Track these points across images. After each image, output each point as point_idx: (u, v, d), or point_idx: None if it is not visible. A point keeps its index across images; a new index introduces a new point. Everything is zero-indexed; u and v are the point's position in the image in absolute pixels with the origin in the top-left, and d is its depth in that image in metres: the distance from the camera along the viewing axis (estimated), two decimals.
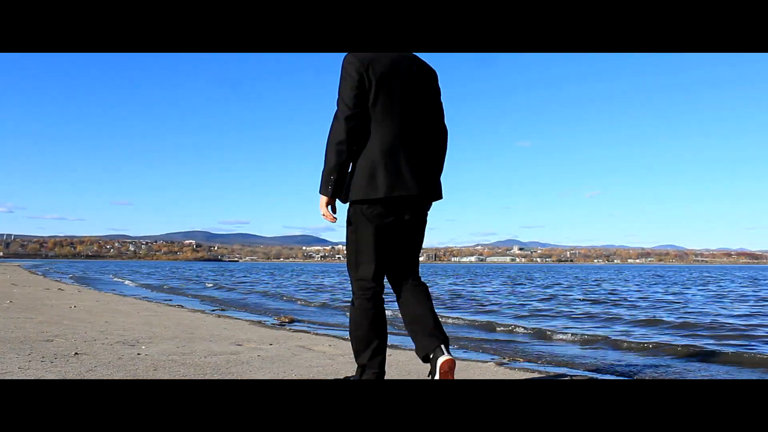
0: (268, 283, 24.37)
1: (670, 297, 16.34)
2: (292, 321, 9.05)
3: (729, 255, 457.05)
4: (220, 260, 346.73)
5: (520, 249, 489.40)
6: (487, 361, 5.16)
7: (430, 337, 3.04)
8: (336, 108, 2.95)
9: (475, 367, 4.73)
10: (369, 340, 3.06)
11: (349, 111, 2.89)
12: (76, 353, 4.47)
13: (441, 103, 3.23)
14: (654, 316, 10.36)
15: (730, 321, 9.77)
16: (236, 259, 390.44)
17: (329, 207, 3.01)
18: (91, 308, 9.27)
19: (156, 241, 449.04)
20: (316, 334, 7.15)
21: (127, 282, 24.62)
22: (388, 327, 3.20)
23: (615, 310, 11.81)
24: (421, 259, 3.27)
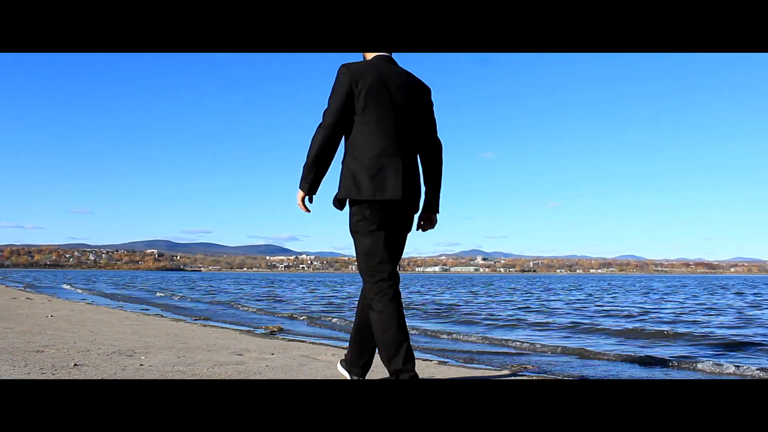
0: (233, 293, 23.92)
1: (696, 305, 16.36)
2: (280, 330, 8.78)
3: (687, 265, 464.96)
4: (183, 270, 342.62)
5: (484, 259, 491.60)
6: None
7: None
8: (323, 112, 3.14)
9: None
10: (400, 342, 3.07)
11: (331, 120, 3.11)
12: (75, 364, 4.15)
13: (434, 118, 3.40)
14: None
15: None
16: (199, 268, 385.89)
17: (305, 201, 3.25)
18: (68, 317, 8.87)
19: (117, 250, 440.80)
20: (313, 343, 6.92)
21: (79, 290, 23.96)
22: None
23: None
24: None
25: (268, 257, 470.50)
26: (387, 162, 3.13)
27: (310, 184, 3.19)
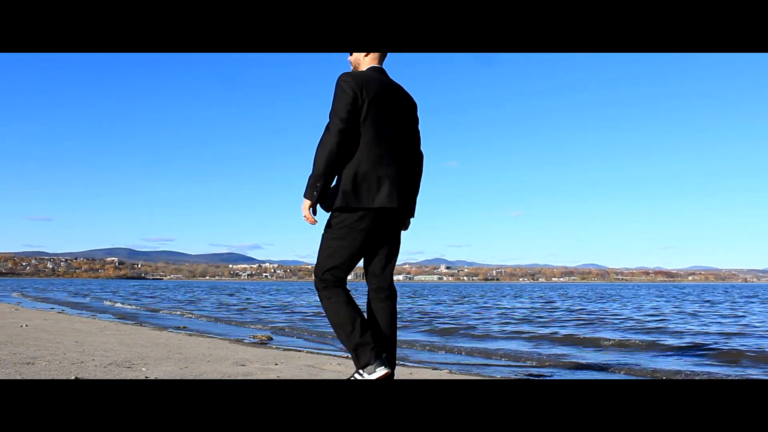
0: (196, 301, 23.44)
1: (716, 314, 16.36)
2: (270, 339, 8.43)
3: (647, 273, 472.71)
4: (144, 278, 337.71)
5: (447, 268, 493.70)
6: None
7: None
8: (329, 120, 3.13)
9: None
10: (352, 318, 3.18)
11: (342, 125, 3.09)
12: (76, 377, 3.80)
13: (419, 131, 3.54)
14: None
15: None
16: (161, 277, 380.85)
17: (311, 210, 3.18)
18: (45, 327, 8.39)
19: (76, 258, 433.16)
20: (311, 352, 6.64)
21: (30, 299, 23.26)
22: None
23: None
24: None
25: (231, 265, 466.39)
26: (384, 171, 3.20)
27: (320, 193, 3.14)
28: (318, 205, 3.22)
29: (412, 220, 3.63)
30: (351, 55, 3.47)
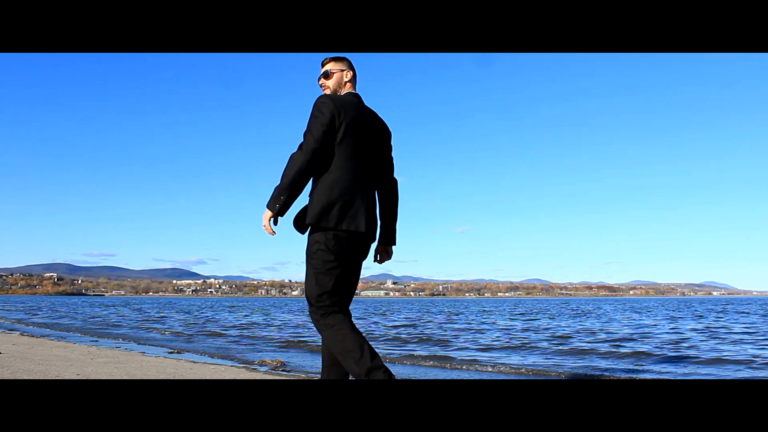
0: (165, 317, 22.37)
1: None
2: (282, 364, 7.73)
3: (590, 288, 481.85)
4: (85, 294, 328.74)
5: (394, 283, 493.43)
6: None
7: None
8: (303, 139, 3.20)
9: None
10: (359, 343, 3.13)
11: (315, 145, 3.16)
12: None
13: (392, 158, 3.63)
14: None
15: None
16: (102, 293, 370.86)
17: (271, 222, 3.22)
18: (23, 353, 7.48)
19: (12, 274, 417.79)
20: None
21: None
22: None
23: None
24: (294, 293, 3.07)
25: (174, 281, 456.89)
26: (356, 195, 3.25)
27: (282, 205, 3.19)
28: (279, 221, 3.26)
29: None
30: (327, 77, 3.49)
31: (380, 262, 3.68)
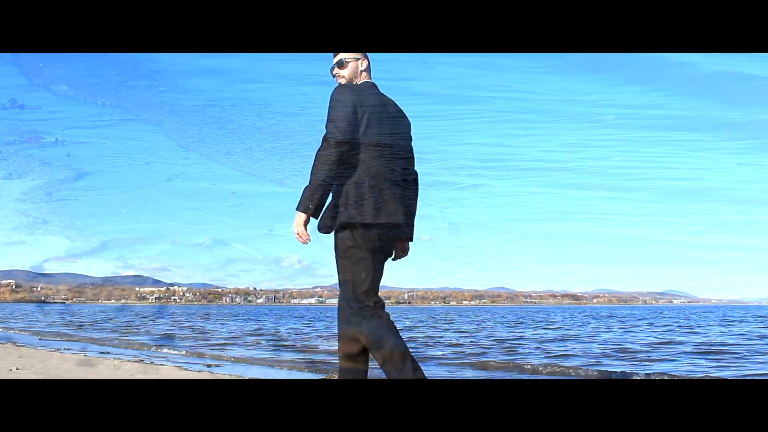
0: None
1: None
2: None
3: (554, 296, 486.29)
4: (45, 302, 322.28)
5: None
6: None
7: None
8: (326, 132, 3.01)
9: None
10: (402, 352, 2.99)
11: (342, 136, 2.97)
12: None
13: (412, 148, 3.40)
14: None
15: None
16: (63, 300, 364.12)
17: (305, 225, 3.03)
18: (35, 369, 6.97)
19: None
20: None
21: None
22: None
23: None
24: (259, 301, 2.90)
25: (138, 288, 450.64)
26: (385, 186, 3.09)
27: (315, 206, 3.02)
28: (309, 224, 3.09)
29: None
30: (341, 67, 3.26)
31: (395, 259, 3.44)
